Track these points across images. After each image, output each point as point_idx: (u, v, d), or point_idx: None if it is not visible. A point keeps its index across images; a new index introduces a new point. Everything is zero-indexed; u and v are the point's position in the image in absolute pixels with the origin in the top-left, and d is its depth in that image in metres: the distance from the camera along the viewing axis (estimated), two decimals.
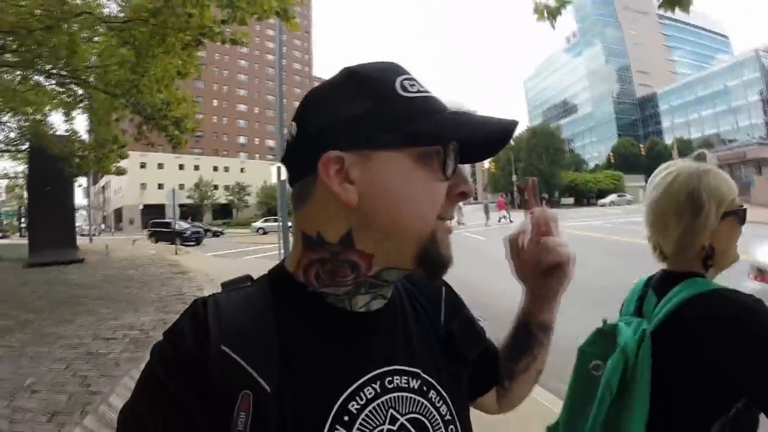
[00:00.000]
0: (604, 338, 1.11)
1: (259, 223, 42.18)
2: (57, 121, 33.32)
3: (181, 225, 27.41)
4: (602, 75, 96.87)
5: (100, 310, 6.80)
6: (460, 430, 0.61)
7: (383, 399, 0.56)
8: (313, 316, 0.57)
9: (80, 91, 11.60)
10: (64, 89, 11.61)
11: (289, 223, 16.54)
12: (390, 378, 0.58)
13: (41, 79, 11.03)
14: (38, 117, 14.75)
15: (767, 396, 0.87)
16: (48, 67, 9.18)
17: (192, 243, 26.63)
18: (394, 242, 0.55)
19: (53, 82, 11.14)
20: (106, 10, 8.79)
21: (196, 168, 64.89)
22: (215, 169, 67.69)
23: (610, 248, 12.84)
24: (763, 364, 0.87)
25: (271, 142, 76.21)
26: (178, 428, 0.48)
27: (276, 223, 31.67)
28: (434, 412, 0.59)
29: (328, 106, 0.56)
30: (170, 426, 0.48)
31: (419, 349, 0.63)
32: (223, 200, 63.50)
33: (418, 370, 0.61)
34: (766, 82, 69.13)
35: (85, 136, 14.86)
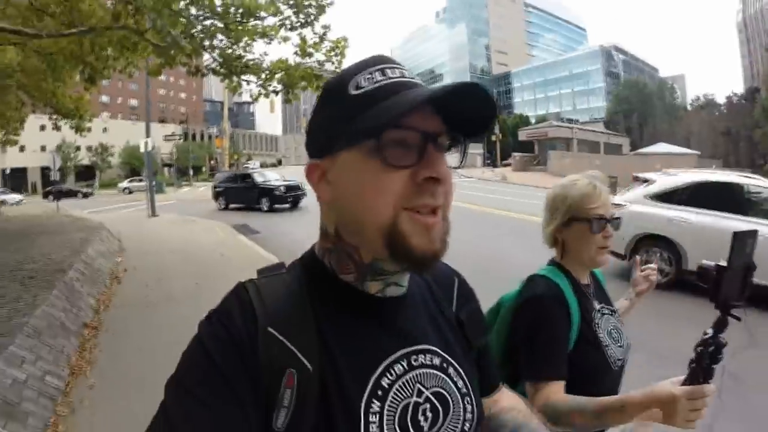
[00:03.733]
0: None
1: (125, 184, 44.47)
2: None
3: (267, 177, 19.53)
4: (464, 50, 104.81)
5: (46, 236, 9.91)
6: (474, 401, 0.68)
7: (411, 374, 0.61)
8: (342, 300, 0.62)
9: None
10: None
11: (154, 183, 18.64)
12: (416, 356, 0.63)
13: None
14: None
15: (523, 363, 1.17)
16: None
17: (286, 206, 17.50)
18: (364, 235, 0.59)
19: None
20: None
21: (57, 128, 61.11)
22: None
23: None
24: (522, 345, 1.18)
25: (133, 101, 73.84)
26: (225, 402, 0.51)
27: (141, 183, 33.21)
28: (453, 386, 0.65)
29: (312, 121, 0.65)
30: (217, 399, 0.51)
31: (437, 331, 0.69)
32: (86, 161, 60.74)
33: (438, 349, 0.66)
34: (605, 72, 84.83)
35: None
